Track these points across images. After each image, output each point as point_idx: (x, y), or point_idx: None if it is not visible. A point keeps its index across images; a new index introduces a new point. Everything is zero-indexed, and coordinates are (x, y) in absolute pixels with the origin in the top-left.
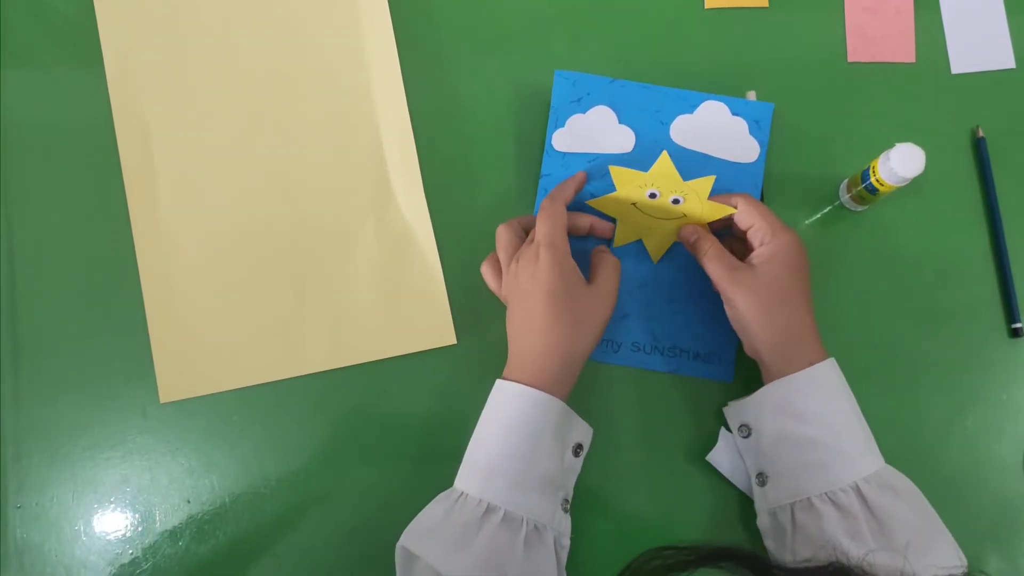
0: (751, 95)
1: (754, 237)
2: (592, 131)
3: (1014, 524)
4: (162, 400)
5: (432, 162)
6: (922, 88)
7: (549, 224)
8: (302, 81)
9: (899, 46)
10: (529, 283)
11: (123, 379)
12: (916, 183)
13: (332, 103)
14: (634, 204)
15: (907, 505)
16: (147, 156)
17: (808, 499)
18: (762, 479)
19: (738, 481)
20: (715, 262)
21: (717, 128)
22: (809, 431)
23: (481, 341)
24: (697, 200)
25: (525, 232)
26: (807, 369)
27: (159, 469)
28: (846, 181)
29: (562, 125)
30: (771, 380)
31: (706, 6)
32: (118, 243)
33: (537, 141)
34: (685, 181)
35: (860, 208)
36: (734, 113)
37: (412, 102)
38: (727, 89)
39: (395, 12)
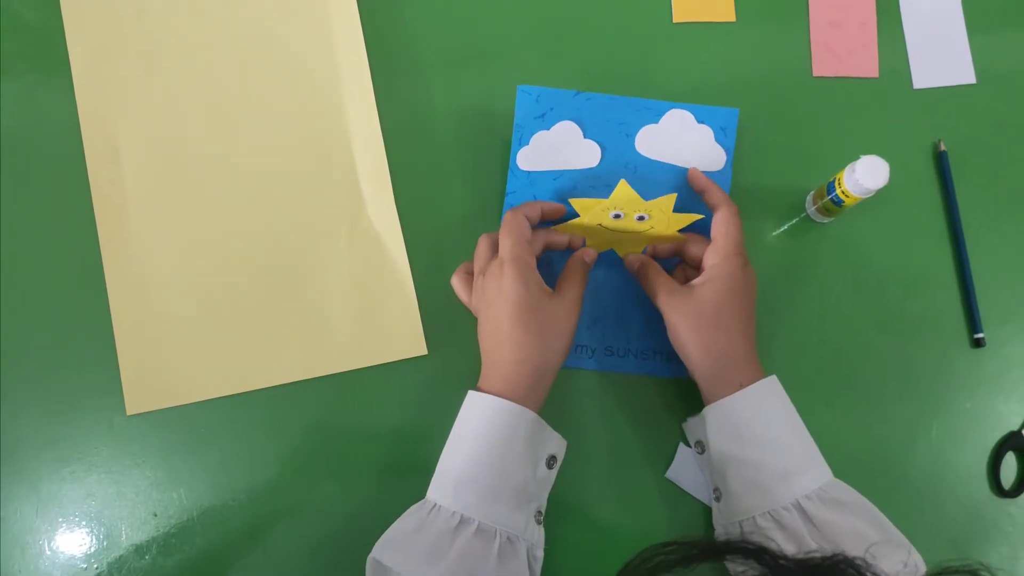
0: None
1: (706, 259)
2: (557, 147)
3: (978, 531)
4: (128, 412)
5: (403, 173)
6: (885, 102)
7: (511, 238)
8: (273, 91)
9: (863, 61)
10: (495, 297)
11: (89, 391)
12: (880, 196)
13: (303, 113)
14: (600, 225)
15: (856, 517)
16: (115, 165)
17: (753, 518)
18: (717, 494)
19: (699, 494)
20: (657, 286)
21: (683, 137)
22: (746, 452)
23: (452, 352)
24: (663, 215)
25: None
26: (742, 391)
27: (125, 482)
28: (812, 193)
29: (526, 143)
30: (707, 403)
31: (674, 20)
32: (85, 254)
33: (508, 153)
34: (647, 200)
35: (826, 220)
36: (699, 121)
37: (384, 114)
38: (690, 99)
39: (367, 24)
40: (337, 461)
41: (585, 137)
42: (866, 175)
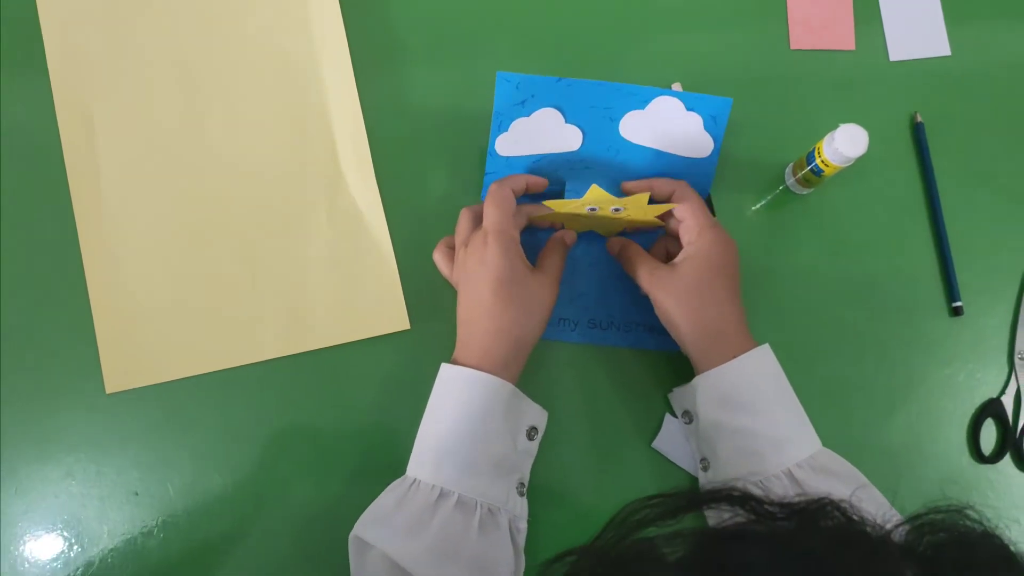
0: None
1: (684, 234)
2: (537, 133)
3: (960, 497)
4: (108, 391)
5: (384, 149)
6: (862, 75)
7: (497, 210)
8: (250, 67)
9: (839, 34)
10: (477, 268)
11: (68, 370)
12: (858, 167)
13: (281, 90)
14: (577, 215)
15: (845, 486)
16: (90, 144)
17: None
18: (705, 464)
19: (686, 465)
20: (638, 267)
21: (669, 124)
22: (738, 420)
23: (435, 326)
24: (638, 208)
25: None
26: (733, 360)
27: (105, 461)
28: (791, 165)
29: (506, 129)
30: (698, 373)
31: None
32: (62, 233)
33: (489, 130)
34: (621, 198)
35: (805, 191)
36: (689, 109)
37: (363, 90)
38: (671, 77)
39: (345, 3)
40: (321, 437)
41: (567, 122)
42: (845, 143)
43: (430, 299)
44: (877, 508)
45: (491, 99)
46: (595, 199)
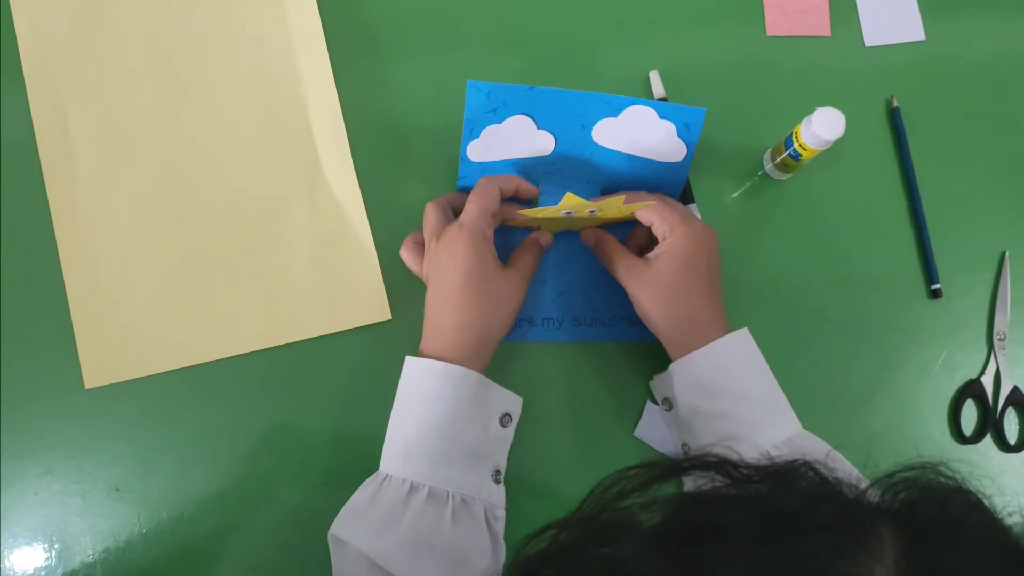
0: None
1: (656, 233)
2: (509, 140)
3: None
4: (87, 386)
5: (363, 141)
6: (838, 61)
7: (476, 207)
8: (227, 58)
9: (815, 20)
10: (448, 261)
11: (46, 365)
12: (835, 152)
13: (258, 81)
14: (553, 218)
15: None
16: (65, 138)
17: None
18: (686, 450)
19: (668, 451)
20: (614, 261)
21: (642, 131)
22: (715, 405)
23: (416, 316)
24: (614, 209)
25: (454, 211)
26: (709, 345)
27: (86, 457)
28: (769, 151)
29: (477, 136)
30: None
31: None
32: (37, 227)
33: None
34: (596, 200)
35: (784, 177)
36: (662, 117)
37: (341, 82)
38: (648, 66)
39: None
40: (303, 430)
41: (539, 128)
42: (823, 126)
43: (411, 289)
44: (847, 474)
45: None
46: (570, 205)
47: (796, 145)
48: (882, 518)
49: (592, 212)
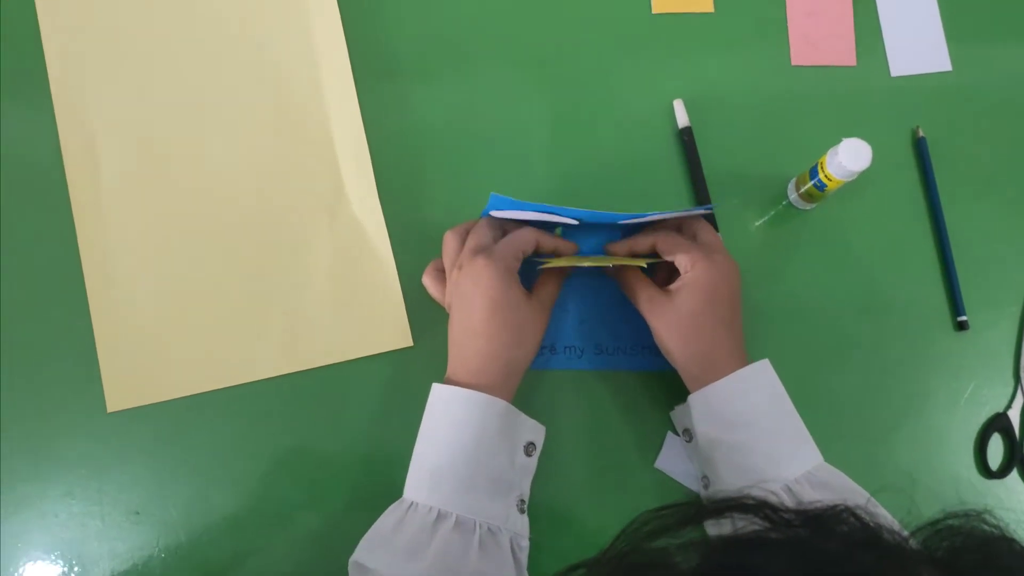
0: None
1: (678, 266)
2: (530, 220)
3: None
4: (109, 409)
5: (386, 165)
6: (863, 90)
7: (511, 247)
8: (251, 83)
9: (840, 50)
10: (472, 290)
11: (69, 388)
12: (861, 182)
13: (282, 106)
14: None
15: (843, 500)
16: (92, 160)
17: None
18: (706, 482)
19: (688, 483)
20: (636, 291)
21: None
22: (733, 437)
23: (438, 343)
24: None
25: None
26: (727, 377)
27: (106, 480)
28: (794, 180)
29: (497, 209)
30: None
31: (653, 11)
32: (63, 249)
33: (491, 147)
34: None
35: (808, 206)
36: (688, 210)
37: (365, 106)
38: (672, 94)
39: (346, 17)
40: (322, 455)
41: (562, 215)
42: (849, 157)
43: (433, 315)
44: (888, 521)
45: (492, 113)
46: (591, 262)
47: (821, 175)
48: (925, 565)
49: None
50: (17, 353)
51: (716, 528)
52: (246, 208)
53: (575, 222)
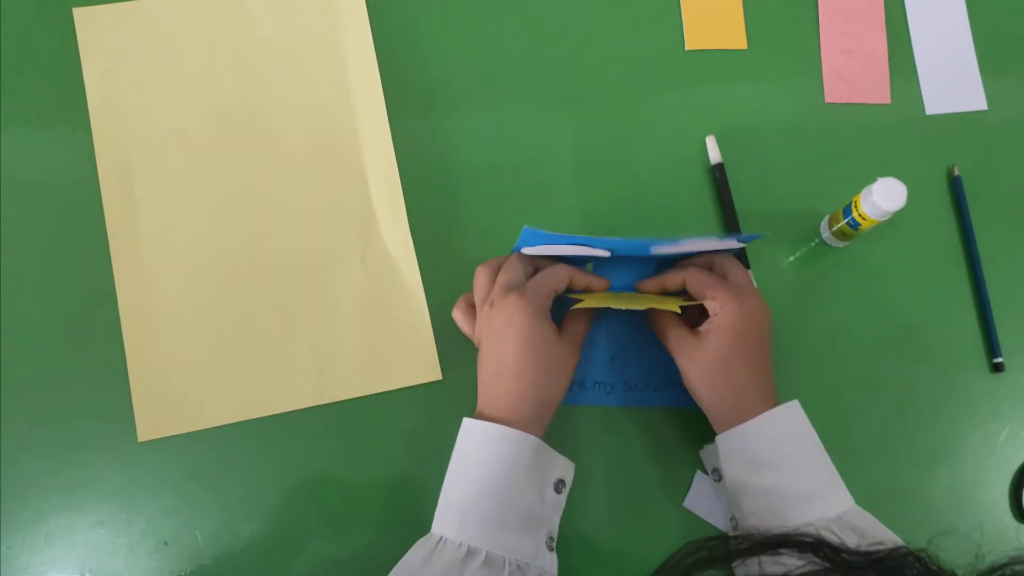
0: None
1: (708, 307)
2: (562, 254)
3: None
4: (140, 439)
5: (417, 197)
6: (898, 128)
7: (543, 286)
8: (285, 116)
9: (875, 88)
10: (504, 328)
11: (100, 417)
12: (895, 221)
13: (316, 138)
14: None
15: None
16: (129, 191)
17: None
18: (734, 523)
19: (718, 523)
20: (665, 331)
21: (701, 245)
22: (761, 479)
23: (466, 377)
24: (671, 304)
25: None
26: (751, 420)
27: (136, 510)
28: (827, 217)
29: (529, 245)
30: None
31: (686, 48)
32: (97, 279)
33: (522, 180)
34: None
35: (841, 244)
36: (721, 239)
37: (398, 140)
38: (705, 130)
39: (380, 50)
40: (351, 489)
41: (595, 247)
42: (884, 197)
43: (462, 349)
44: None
45: (524, 147)
46: (623, 303)
47: (855, 214)
48: None
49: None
50: (50, 383)
51: (743, 569)
52: (279, 239)
53: (607, 254)
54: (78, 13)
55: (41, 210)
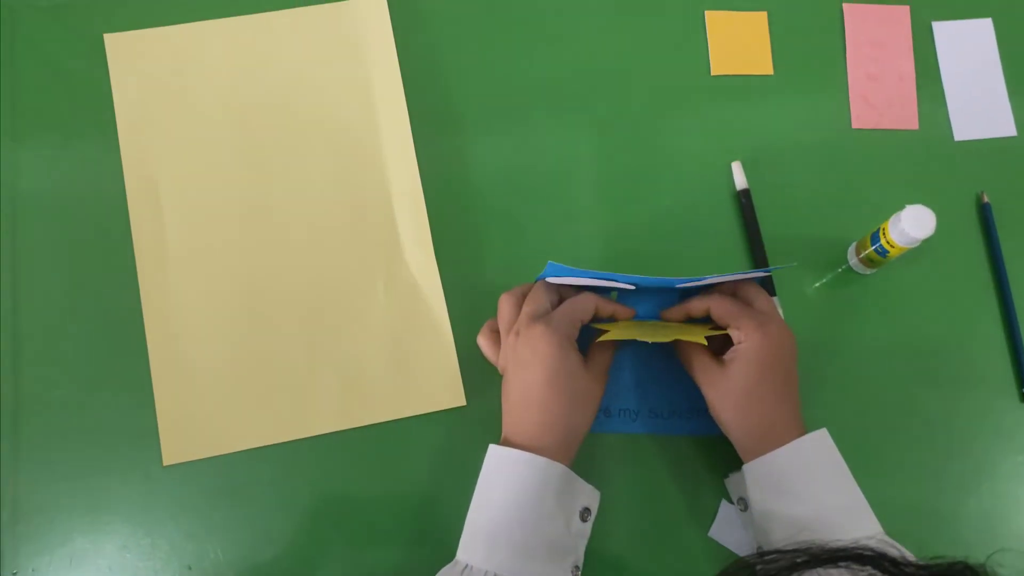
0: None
1: (732, 335)
2: (588, 283)
3: None
4: (165, 463)
5: (442, 222)
6: (926, 154)
7: (568, 316)
8: (311, 141)
9: (902, 114)
10: (530, 358)
11: (125, 441)
12: (924, 247)
13: (342, 163)
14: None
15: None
16: (156, 214)
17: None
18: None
19: (744, 553)
20: (691, 359)
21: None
22: (789, 508)
23: (490, 403)
24: (696, 334)
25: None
26: (779, 449)
27: (160, 534)
28: (854, 244)
29: (552, 276)
30: (745, 463)
31: (712, 73)
32: (124, 302)
33: (546, 205)
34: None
35: (869, 271)
36: (747, 273)
37: (422, 163)
38: (730, 156)
39: (405, 75)
40: (374, 514)
41: (619, 281)
42: (912, 224)
43: (486, 375)
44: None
45: (549, 172)
46: (648, 335)
47: (883, 241)
48: None
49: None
50: (76, 406)
51: None
52: (304, 264)
53: (631, 287)
54: (109, 39)
55: (70, 231)
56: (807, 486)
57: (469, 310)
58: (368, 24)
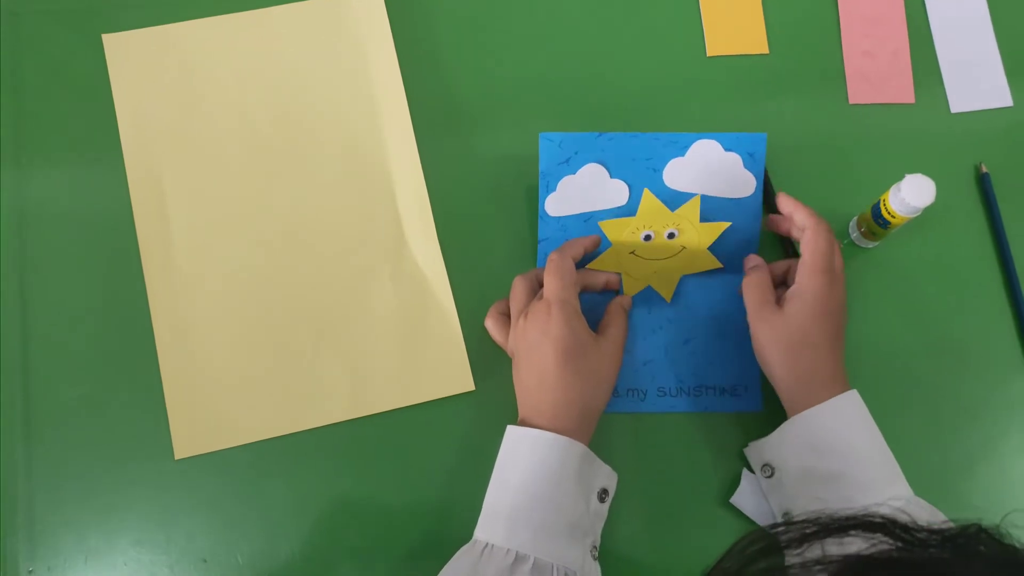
0: None
1: (797, 270)
2: (584, 191)
3: None
4: (177, 457)
5: (446, 211)
6: (923, 127)
7: (559, 280)
8: (314, 132)
9: (898, 87)
10: (540, 339)
11: (137, 436)
12: (924, 219)
13: (345, 157)
14: (633, 253)
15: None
16: (161, 210)
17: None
18: (787, 519)
19: (763, 522)
20: (749, 291)
21: (711, 167)
22: (831, 465)
23: (500, 385)
24: (691, 227)
25: (540, 285)
26: (827, 402)
27: (175, 528)
28: (855, 218)
29: (553, 189)
30: (790, 415)
31: (708, 55)
32: (132, 298)
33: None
34: (673, 212)
35: (871, 244)
36: (727, 149)
37: (424, 154)
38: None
39: (405, 72)
40: (387, 500)
41: (612, 177)
42: (912, 193)
43: (494, 359)
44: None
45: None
46: (649, 209)
47: (884, 212)
48: None
49: (671, 235)
50: (86, 402)
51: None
52: (311, 258)
53: (625, 192)
54: (108, 39)
55: (75, 230)
56: (846, 444)
57: (475, 295)
58: (365, 17)
